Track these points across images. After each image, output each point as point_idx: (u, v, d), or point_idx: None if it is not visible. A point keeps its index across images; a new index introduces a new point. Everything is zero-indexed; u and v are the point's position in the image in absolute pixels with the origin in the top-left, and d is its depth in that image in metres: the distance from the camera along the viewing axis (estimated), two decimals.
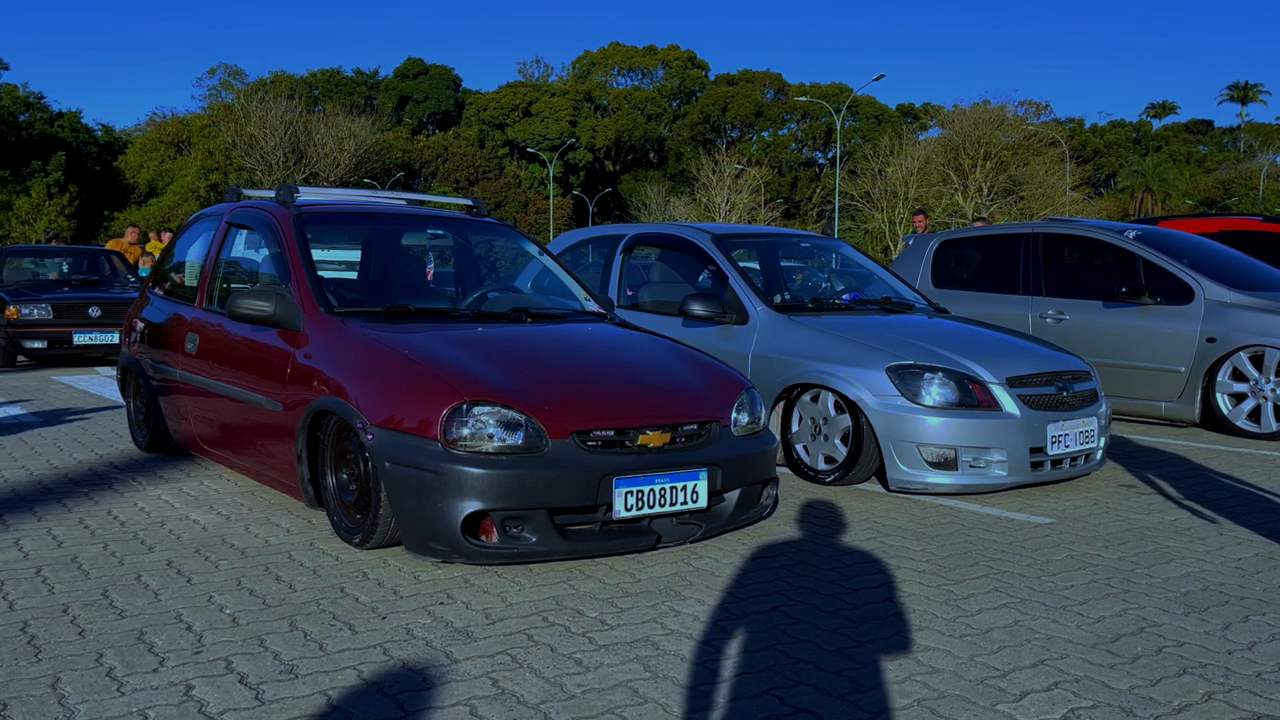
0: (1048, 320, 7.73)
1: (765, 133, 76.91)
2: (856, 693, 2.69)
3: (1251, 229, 9.87)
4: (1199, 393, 7.03)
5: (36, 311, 10.88)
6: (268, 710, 2.54)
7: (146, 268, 14.43)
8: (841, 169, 50.60)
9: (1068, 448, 5.10)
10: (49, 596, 3.39)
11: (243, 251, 5.44)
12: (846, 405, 5.17)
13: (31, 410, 7.76)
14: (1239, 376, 6.96)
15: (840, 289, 7.46)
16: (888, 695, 2.67)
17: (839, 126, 49.10)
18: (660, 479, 3.78)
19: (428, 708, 2.57)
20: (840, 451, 5.23)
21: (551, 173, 65.52)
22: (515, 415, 3.65)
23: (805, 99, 62.82)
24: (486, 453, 3.59)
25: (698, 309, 5.81)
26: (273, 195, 5.33)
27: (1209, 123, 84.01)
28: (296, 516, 4.52)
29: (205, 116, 61.11)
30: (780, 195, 67.33)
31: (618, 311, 5.82)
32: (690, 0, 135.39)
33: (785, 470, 5.53)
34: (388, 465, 3.65)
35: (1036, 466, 5.01)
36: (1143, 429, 7.30)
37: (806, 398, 5.41)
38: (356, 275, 5.85)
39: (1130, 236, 7.71)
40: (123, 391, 6.34)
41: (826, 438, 5.30)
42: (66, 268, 13.11)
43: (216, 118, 58.36)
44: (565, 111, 72.02)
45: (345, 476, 4.07)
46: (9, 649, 2.92)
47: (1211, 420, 7.11)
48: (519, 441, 3.62)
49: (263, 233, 5.06)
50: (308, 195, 5.43)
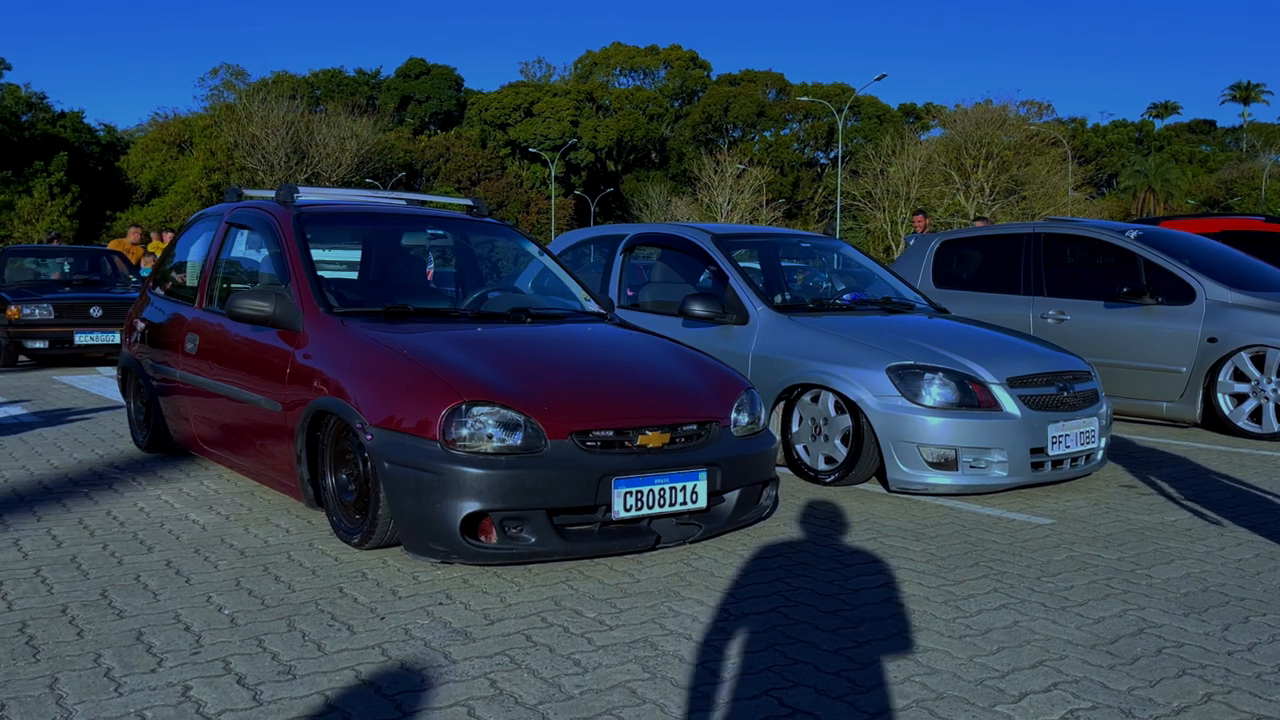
0: (1049, 320, 7.72)
1: (767, 133, 76.90)
2: (855, 693, 2.69)
3: (1253, 229, 9.86)
4: (1200, 393, 7.02)
5: (38, 311, 10.90)
6: (266, 711, 2.54)
7: (149, 268, 14.43)
8: (843, 169, 50.64)
9: (1068, 448, 5.10)
10: (48, 596, 3.39)
11: (243, 252, 5.44)
12: (847, 405, 5.17)
13: (32, 410, 7.76)
14: (1240, 377, 6.95)
15: (841, 289, 7.45)
16: (887, 696, 2.67)
17: (841, 126, 49.14)
18: (660, 479, 3.78)
19: (426, 708, 2.57)
20: (840, 452, 5.23)
21: (553, 173, 65.59)
22: (514, 415, 3.65)
23: (807, 99, 62.76)
24: (485, 453, 3.59)
25: (698, 309, 5.81)
26: (273, 195, 5.33)
27: (1211, 123, 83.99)
28: (296, 517, 4.52)
29: (207, 116, 61.20)
30: (782, 195, 67.32)
31: (618, 311, 5.82)
32: (692, 0, 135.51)
33: (785, 470, 5.52)
34: (387, 465, 3.65)
35: (1037, 467, 5.01)
36: (1144, 429, 7.29)
37: (807, 398, 5.40)
38: (356, 275, 5.85)
39: (1131, 237, 7.70)
40: (123, 391, 6.34)
41: (827, 438, 5.30)
42: (68, 268, 13.14)
43: (218, 118, 58.43)
44: (567, 111, 72.03)
45: (344, 477, 4.07)
46: (7, 649, 2.92)
47: (1213, 421, 7.10)
48: (518, 442, 3.62)
49: (263, 233, 5.06)
50: (308, 195, 5.43)
